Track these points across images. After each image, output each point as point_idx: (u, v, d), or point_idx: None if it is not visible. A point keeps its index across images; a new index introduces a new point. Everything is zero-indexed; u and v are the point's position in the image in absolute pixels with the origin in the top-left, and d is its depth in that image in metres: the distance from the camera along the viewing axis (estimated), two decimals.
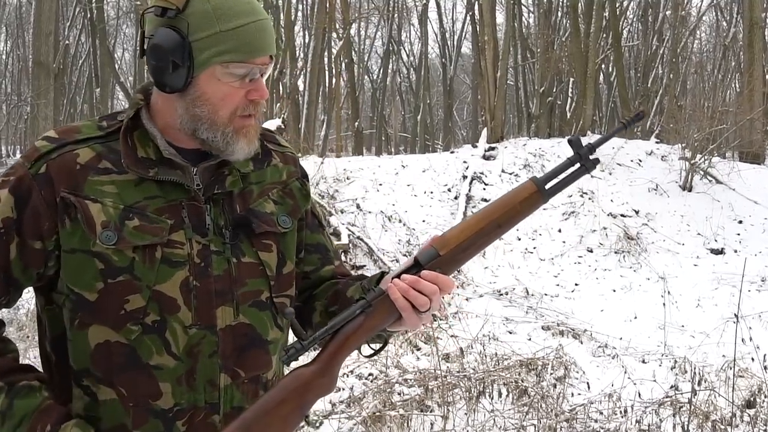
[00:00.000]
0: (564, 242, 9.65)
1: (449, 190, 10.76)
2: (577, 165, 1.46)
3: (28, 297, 7.59)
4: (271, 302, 1.49)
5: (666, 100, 18.91)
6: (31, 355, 5.99)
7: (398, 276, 1.40)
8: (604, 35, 18.97)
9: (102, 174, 1.37)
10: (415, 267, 1.41)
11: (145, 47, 1.39)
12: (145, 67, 1.44)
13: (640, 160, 11.61)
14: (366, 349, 1.49)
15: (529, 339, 6.74)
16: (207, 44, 1.35)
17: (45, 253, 1.36)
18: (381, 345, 1.52)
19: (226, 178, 1.46)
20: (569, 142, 1.47)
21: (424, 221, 9.93)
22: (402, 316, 1.38)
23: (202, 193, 1.43)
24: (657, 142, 12.77)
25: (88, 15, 25.14)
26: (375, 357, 1.58)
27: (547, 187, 1.46)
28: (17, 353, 1.41)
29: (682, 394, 4.85)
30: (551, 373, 5.38)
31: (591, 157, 1.46)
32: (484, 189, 10.70)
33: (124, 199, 1.37)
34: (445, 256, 1.41)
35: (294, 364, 1.38)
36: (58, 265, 1.36)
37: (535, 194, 1.45)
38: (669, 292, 7.80)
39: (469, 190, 10.47)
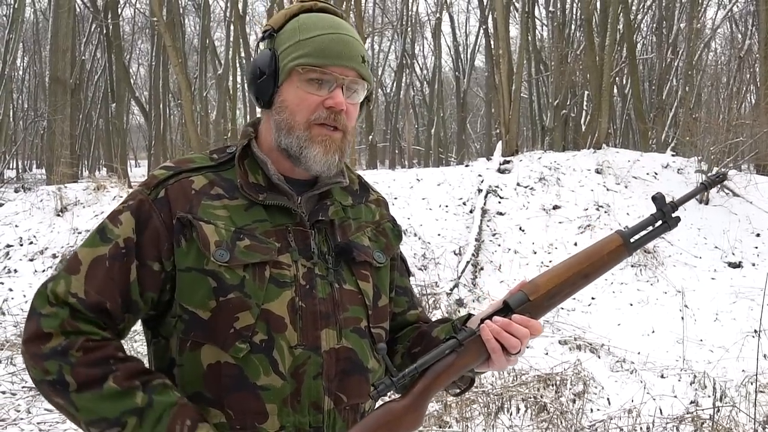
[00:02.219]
0: None
1: (464, 203, 10.74)
2: (660, 222, 1.53)
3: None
4: (369, 331, 1.53)
5: (681, 113, 18.83)
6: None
7: (488, 318, 1.44)
8: (619, 48, 18.93)
9: (214, 199, 1.45)
10: (504, 310, 1.46)
11: None
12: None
13: (656, 173, 11.56)
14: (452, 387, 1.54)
15: (546, 353, 6.69)
16: (288, 53, 1.46)
17: (163, 275, 1.41)
18: (467, 385, 1.56)
19: (329, 207, 1.53)
20: (653, 199, 1.54)
21: (439, 235, 9.91)
22: (490, 357, 1.42)
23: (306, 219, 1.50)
24: (673, 155, 12.71)
25: (104, 31, 25.32)
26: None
27: (632, 240, 1.52)
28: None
29: (703, 410, 4.80)
30: (570, 389, 5.34)
31: (673, 215, 1.53)
32: (500, 203, 10.68)
33: (235, 221, 1.44)
34: (535, 302, 1.46)
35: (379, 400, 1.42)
36: (173, 289, 1.41)
37: (620, 247, 1.52)
38: (687, 306, 7.74)
39: (485, 204, 10.44)
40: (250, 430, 1.39)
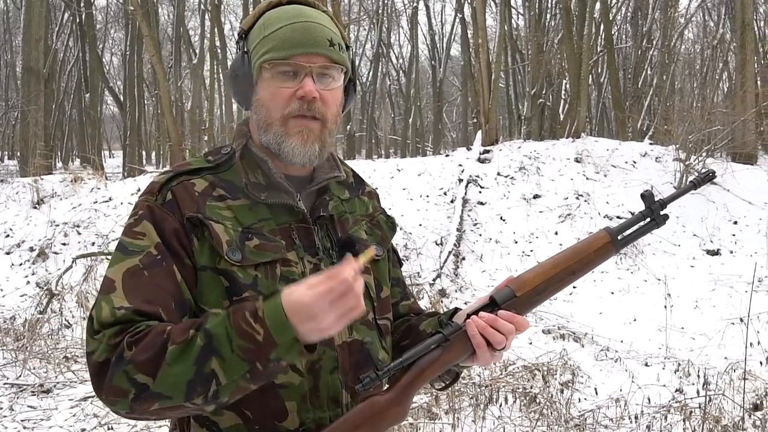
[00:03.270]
0: (561, 245, 9.62)
1: (445, 193, 10.73)
2: (648, 219, 1.54)
3: (24, 305, 7.53)
4: (376, 323, 1.53)
5: (656, 102, 18.96)
6: (30, 366, 5.93)
7: (474, 313, 1.44)
8: (595, 36, 18.99)
9: (218, 200, 1.44)
10: (491, 306, 1.46)
11: None
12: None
13: (635, 162, 11.61)
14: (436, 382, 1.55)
15: (530, 343, 6.70)
16: (256, 51, 1.45)
17: (194, 271, 1.38)
18: (452, 379, 1.57)
19: (329, 203, 1.53)
20: (642, 197, 1.55)
21: (420, 225, 9.90)
22: (475, 353, 1.43)
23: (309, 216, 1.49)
24: (651, 144, 12.78)
25: (77, 20, 25.00)
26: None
27: (619, 237, 1.54)
28: None
29: (692, 399, 4.83)
30: (557, 378, 5.35)
31: (662, 212, 1.55)
32: (480, 192, 10.68)
33: (241, 221, 1.43)
34: (521, 298, 1.47)
35: None
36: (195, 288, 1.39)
37: (608, 244, 1.53)
38: (670, 294, 7.78)
39: (465, 194, 10.43)
40: (269, 429, 1.38)
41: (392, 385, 1.37)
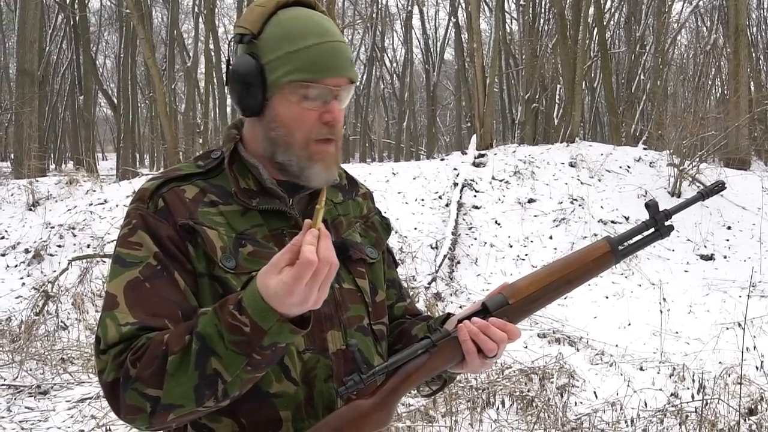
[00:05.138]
0: (555, 249, 9.67)
1: (440, 197, 10.76)
2: (652, 230, 1.49)
3: (20, 307, 7.52)
4: (371, 329, 1.51)
5: (650, 107, 19.03)
6: (27, 367, 5.93)
7: (466, 318, 1.41)
8: (588, 41, 19.07)
9: (210, 206, 1.41)
10: (483, 312, 1.43)
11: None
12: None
13: (629, 167, 11.66)
14: (423, 388, 1.51)
15: (526, 347, 6.73)
16: (277, 65, 1.38)
17: (195, 274, 1.37)
18: (440, 386, 1.53)
19: None
20: (646, 206, 1.50)
21: (416, 229, 9.93)
22: (465, 359, 1.40)
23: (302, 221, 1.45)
24: (645, 149, 12.84)
25: (71, 22, 24.98)
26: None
27: (620, 248, 1.49)
28: None
29: (687, 403, 4.86)
30: (553, 382, 5.38)
31: (666, 223, 1.49)
32: (475, 196, 10.71)
33: (234, 227, 1.40)
34: (514, 306, 1.43)
35: None
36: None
37: (608, 254, 1.48)
38: (665, 299, 7.83)
39: (461, 197, 10.46)
40: None
41: (377, 389, 1.35)
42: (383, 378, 1.37)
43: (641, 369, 6.25)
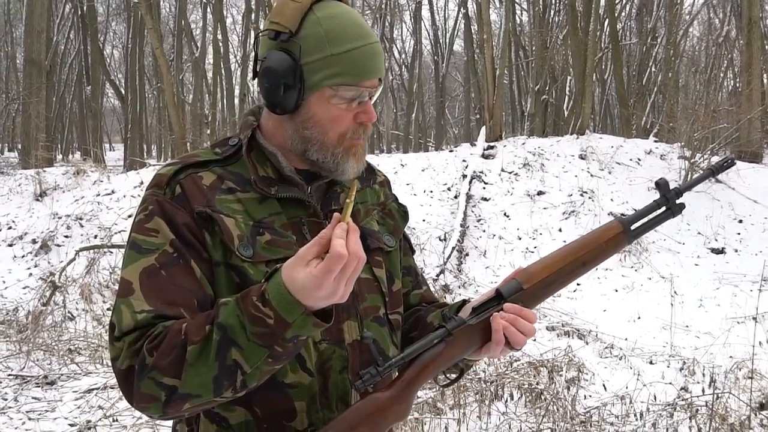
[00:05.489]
0: (564, 241, 9.63)
1: (449, 189, 10.74)
2: (663, 208, 1.49)
3: (27, 297, 7.54)
4: (387, 318, 1.51)
5: (661, 99, 18.95)
6: (34, 358, 5.95)
7: (481, 306, 1.41)
8: (599, 32, 18.98)
9: (227, 194, 1.41)
10: (497, 299, 1.43)
11: (258, 69, 1.42)
12: (255, 86, 1.46)
13: (639, 159, 11.61)
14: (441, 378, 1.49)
15: (534, 340, 6.71)
16: (318, 67, 1.38)
17: (211, 263, 1.36)
18: (457, 375, 1.52)
19: (339, 195, 1.51)
20: (656, 185, 1.49)
21: (424, 221, 9.91)
22: (482, 347, 1.41)
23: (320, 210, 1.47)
24: (656, 141, 12.78)
25: (79, 12, 25.02)
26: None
27: (632, 228, 1.48)
28: None
29: (698, 397, 4.84)
30: (562, 375, 5.37)
31: (678, 201, 1.49)
32: (484, 188, 10.69)
33: (252, 215, 1.40)
34: (528, 291, 1.43)
35: None
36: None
37: (620, 234, 1.48)
38: (676, 293, 7.80)
39: (469, 189, 10.44)
40: (277, 428, 1.37)
41: (394, 381, 1.34)
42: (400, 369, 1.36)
43: (651, 363, 6.24)
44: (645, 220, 1.49)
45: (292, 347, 1.22)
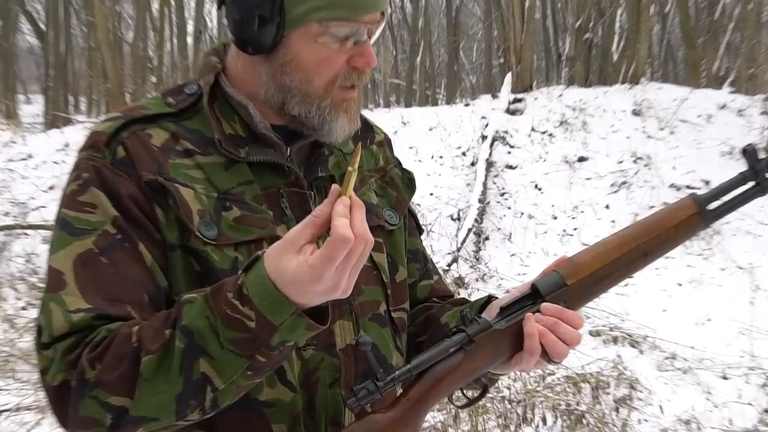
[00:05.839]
0: (613, 222, 9.66)
1: (464, 154, 10.76)
2: (751, 183, 1.48)
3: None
4: (389, 317, 1.51)
5: (739, 39, 18.90)
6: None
7: (512, 306, 1.40)
8: None
9: (184, 157, 1.39)
10: (533, 297, 1.42)
11: None
12: (214, 21, 1.44)
13: (710, 116, 11.59)
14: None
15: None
16: None
17: (165, 248, 1.35)
18: (479, 393, 1.50)
19: (328, 159, 1.51)
20: (743, 152, 1.48)
21: (432, 195, 9.93)
22: (513, 357, 1.40)
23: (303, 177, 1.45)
24: (731, 92, 12.75)
25: None
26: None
27: (709, 208, 1.47)
28: None
29: None
30: (609, 393, 5.39)
31: None
32: (509, 153, 10.69)
33: (216, 185, 1.39)
34: (574, 287, 1.42)
35: None
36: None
37: (694, 217, 1.47)
38: (758, 287, 7.80)
39: (490, 155, 10.45)
40: None
41: (397, 399, 1.33)
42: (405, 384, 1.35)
43: (724, 377, 6.26)
44: (727, 198, 1.48)
45: (278, 356, 1.21)
